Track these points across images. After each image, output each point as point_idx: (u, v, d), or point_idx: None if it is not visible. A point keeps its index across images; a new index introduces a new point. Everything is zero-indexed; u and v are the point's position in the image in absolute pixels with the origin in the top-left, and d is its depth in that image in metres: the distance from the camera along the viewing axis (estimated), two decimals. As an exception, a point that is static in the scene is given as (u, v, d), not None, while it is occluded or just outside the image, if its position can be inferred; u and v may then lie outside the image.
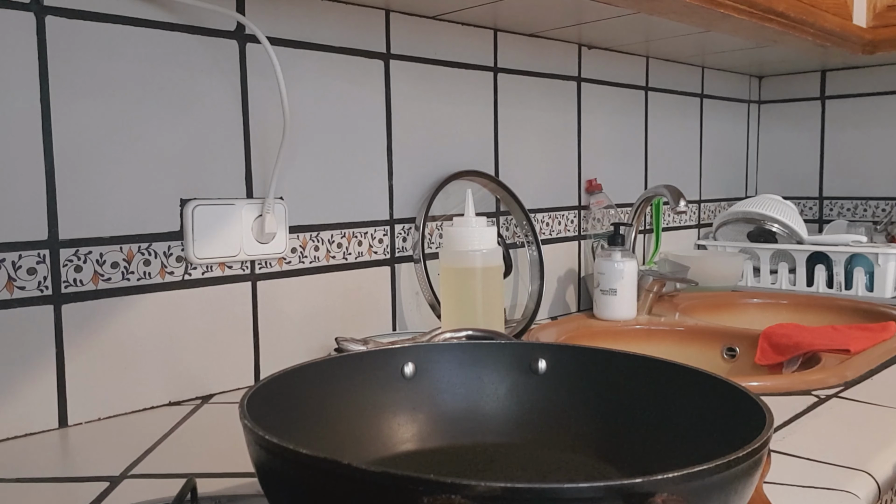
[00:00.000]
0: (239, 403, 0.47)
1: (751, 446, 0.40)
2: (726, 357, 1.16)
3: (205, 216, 0.85)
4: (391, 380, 0.62)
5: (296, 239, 0.95)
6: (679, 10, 1.06)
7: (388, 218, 1.05)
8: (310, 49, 0.95)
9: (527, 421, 0.62)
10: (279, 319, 0.93)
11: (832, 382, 0.88)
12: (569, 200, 1.35)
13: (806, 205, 1.81)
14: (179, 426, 0.77)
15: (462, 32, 1.13)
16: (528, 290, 1.22)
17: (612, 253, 1.22)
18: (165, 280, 0.83)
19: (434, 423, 0.62)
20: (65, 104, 0.75)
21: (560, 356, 0.63)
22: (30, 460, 0.68)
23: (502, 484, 0.35)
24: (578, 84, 1.35)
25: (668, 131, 1.59)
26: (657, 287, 1.29)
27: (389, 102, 1.04)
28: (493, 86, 1.19)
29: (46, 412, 0.75)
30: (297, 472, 0.41)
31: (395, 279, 1.06)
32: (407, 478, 0.36)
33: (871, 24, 1.41)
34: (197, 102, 0.85)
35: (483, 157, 1.18)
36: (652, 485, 0.36)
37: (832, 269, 1.45)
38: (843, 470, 0.62)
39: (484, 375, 0.64)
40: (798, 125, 1.82)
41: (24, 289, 0.73)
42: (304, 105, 0.94)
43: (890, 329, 1.09)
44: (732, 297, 1.43)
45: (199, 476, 0.63)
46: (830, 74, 1.76)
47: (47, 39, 0.74)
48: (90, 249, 0.77)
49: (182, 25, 0.83)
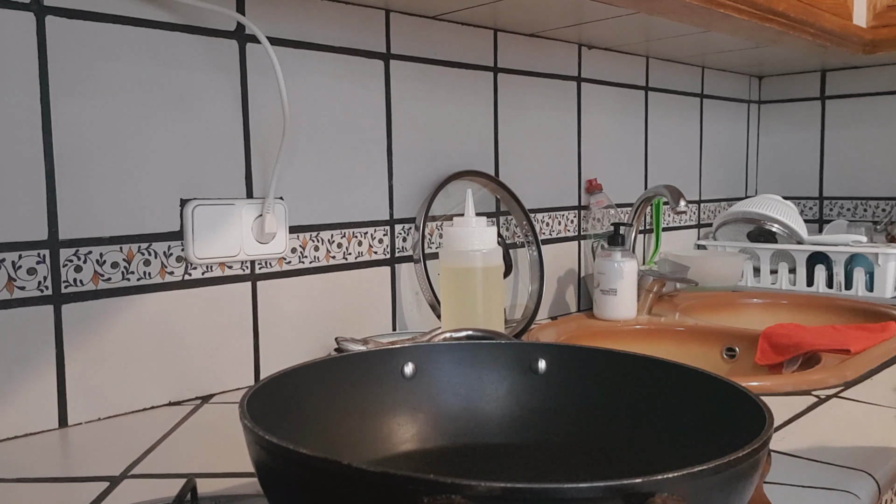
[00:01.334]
0: (239, 403, 0.47)
1: (751, 446, 0.40)
2: (726, 357, 1.16)
3: (205, 216, 0.85)
4: (391, 380, 0.62)
5: (296, 239, 0.95)
6: (679, 11, 1.06)
7: (388, 218, 1.05)
8: (310, 49, 0.95)
9: (527, 421, 0.62)
10: (279, 319, 0.93)
11: (832, 382, 0.88)
12: (569, 200, 1.35)
13: (806, 205, 1.82)
14: (179, 426, 0.77)
15: (462, 32, 1.13)
16: (528, 290, 1.22)
17: (612, 253, 1.22)
18: (165, 280, 0.83)
19: (434, 423, 0.62)
20: (65, 104, 0.75)
21: (560, 356, 0.63)
22: (30, 460, 0.68)
23: (502, 484, 0.35)
24: (578, 84, 1.35)
25: (668, 131, 1.59)
26: (657, 287, 1.29)
27: (389, 102, 1.04)
28: (493, 86, 1.19)
29: (46, 412, 0.75)
30: (297, 472, 0.41)
31: (395, 279, 1.06)
32: (407, 478, 0.36)
33: (871, 24, 1.41)
34: (197, 102, 0.85)
35: (483, 157, 1.18)
36: (652, 485, 0.36)
37: (832, 269, 1.45)
38: (843, 470, 0.62)
39: (484, 375, 0.64)
40: (798, 125, 1.82)
41: (24, 289, 0.73)
42: (304, 105, 0.94)
43: (890, 329, 1.09)
44: (732, 297, 1.43)
45: (199, 476, 0.63)
46: (830, 74, 1.76)
47: (47, 39, 0.74)
48: (90, 249, 0.77)
49: (182, 25, 0.83)
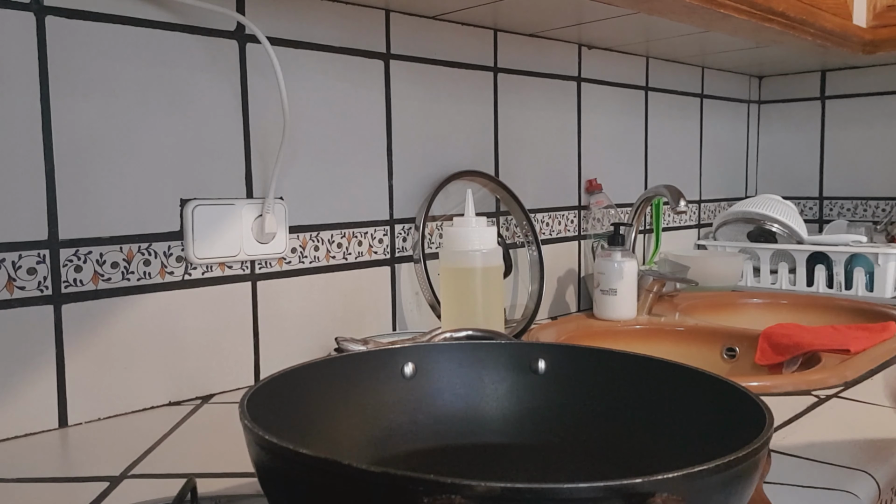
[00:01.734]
0: (239, 403, 0.47)
1: (751, 446, 0.40)
2: (726, 357, 1.16)
3: (205, 216, 0.85)
4: (391, 380, 0.62)
5: (296, 239, 0.95)
6: (679, 11, 1.06)
7: (388, 218, 1.05)
8: (310, 49, 0.95)
9: (527, 421, 0.62)
10: (279, 319, 0.93)
11: (832, 382, 0.88)
12: (569, 200, 1.35)
13: (806, 205, 1.81)
14: (179, 426, 0.77)
15: (462, 32, 1.13)
16: (528, 290, 1.22)
17: (612, 253, 1.22)
18: (165, 280, 0.83)
19: (434, 423, 0.62)
20: (65, 104, 0.75)
21: (560, 356, 0.63)
22: (30, 460, 0.68)
23: (502, 484, 0.35)
24: (578, 84, 1.35)
25: (668, 131, 1.59)
26: (657, 287, 1.29)
27: (389, 102, 1.04)
28: (493, 86, 1.19)
29: (46, 412, 0.75)
30: (297, 472, 0.41)
31: (395, 279, 1.06)
32: (407, 478, 0.36)
33: (871, 24, 1.41)
34: (197, 102, 0.85)
35: (483, 157, 1.18)
36: (652, 485, 0.36)
37: (832, 269, 1.45)
38: (843, 470, 0.62)
39: (484, 375, 0.64)
40: (798, 125, 1.82)
41: (24, 289, 0.73)
42: (304, 105, 0.94)
43: (890, 329, 1.09)
44: (732, 297, 1.43)
45: (199, 476, 0.63)
46: (830, 74, 1.76)
47: (47, 39, 0.74)
48: (90, 249, 0.77)
49: (182, 25, 0.83)
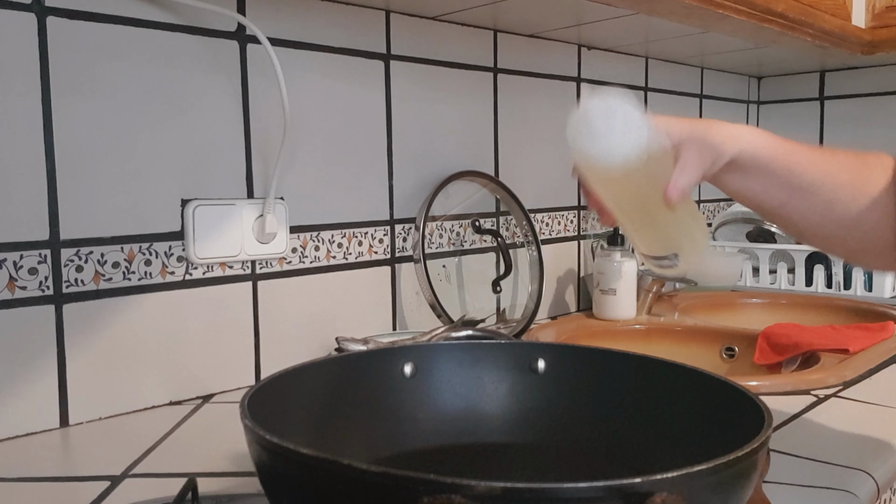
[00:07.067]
0: (239, 403, 0.48)
1: (750, 446, 0.41)
2: (725, 357, 1.17)
3: (206, 216, 0.85)
4: (391, 380, 0.62)
5: (296, 239, 0.95)
6: (678, 11, 1.06)
7: (389, 218, 1.05)
8: (310, 49, 0.95)
9: (527, 421, 0.63)
10: (279, 319, 0.93)
11: (831, 382, 0.88)
12: (568, 200, 1.35)
13: (805, 205, 1.81)
14: (180, 426, 0.77)
15: (462, 33, 1.13)
16: (528, 289, 1.22)
17: (612, 253, 1.22)
18: (166, 280, 0.83)
19: (434, 423, 0.62)
20: (66, 104, 0.75)
21: (559, 356, 0.64)
22: (31, 460, 0.68)
23: (502, 484, 0.35)
24: (578, 84, 1.35)
25: (667, 131, 1.59)
26: (657, 287, 1.29)
27: (389, 103, 1.04)
28: (493, 86, 1.19)
29: (47, 412, 0.76)
30: (298, 471, 0.41)
31: (395, 279, 1.06)
32: (407, 478, 0.36)
33: (870, 24, 1.41)
34: (198, 103, 0.85)
35: (483, 157, 1.18)
36: (651, 485, 0.36)
37: (831, 268, 1.45)
38: (842, 469, 0.62)
39: (484, 375, 0.64)
40: (797, 125, 1.82)
41: (25, 289, 0.73)
42: (304, 105, 0.94)
43: (888, 329, 1.10)
44: (732, 297, 1.43)
45: (200, 475, 0.63)
46: (829, 75, 1.76)
47: (48, 40, 0.74)
48: (91, 249, 0.78)
49: (183, 26, 0.83)
